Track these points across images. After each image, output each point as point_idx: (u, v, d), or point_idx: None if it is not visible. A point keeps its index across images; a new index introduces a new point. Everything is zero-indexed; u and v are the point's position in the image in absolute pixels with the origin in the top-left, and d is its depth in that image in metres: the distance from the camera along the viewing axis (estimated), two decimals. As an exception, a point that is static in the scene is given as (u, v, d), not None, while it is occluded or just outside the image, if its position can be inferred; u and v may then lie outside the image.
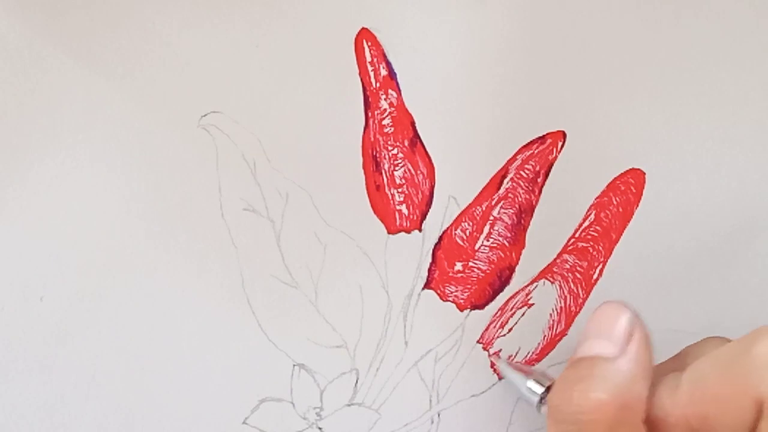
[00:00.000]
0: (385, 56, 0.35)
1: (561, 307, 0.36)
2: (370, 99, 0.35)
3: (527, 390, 0.33)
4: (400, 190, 0.35)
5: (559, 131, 0.36)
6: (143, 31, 0.34)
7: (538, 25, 0.35)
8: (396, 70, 0.35)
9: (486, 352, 0.36)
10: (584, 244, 0.36)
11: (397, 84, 0.35)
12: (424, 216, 0.36)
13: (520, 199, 0.36)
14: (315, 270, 0.35)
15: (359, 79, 0.35)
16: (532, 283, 0.36)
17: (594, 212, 0.36)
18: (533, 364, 0.37)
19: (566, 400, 0.29)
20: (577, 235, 0.36)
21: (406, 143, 0.35)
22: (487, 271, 0.36)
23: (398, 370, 0.36)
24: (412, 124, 0.35)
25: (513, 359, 0.36)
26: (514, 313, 0.36)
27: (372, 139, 0.35)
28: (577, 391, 0.28)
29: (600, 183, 0.36)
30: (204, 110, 0.34)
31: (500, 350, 0.36)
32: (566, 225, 0.36)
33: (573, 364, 0.30)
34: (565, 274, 0.36)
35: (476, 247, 0.36)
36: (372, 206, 0.35)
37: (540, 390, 0.33)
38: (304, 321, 0.36)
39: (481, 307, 0.36)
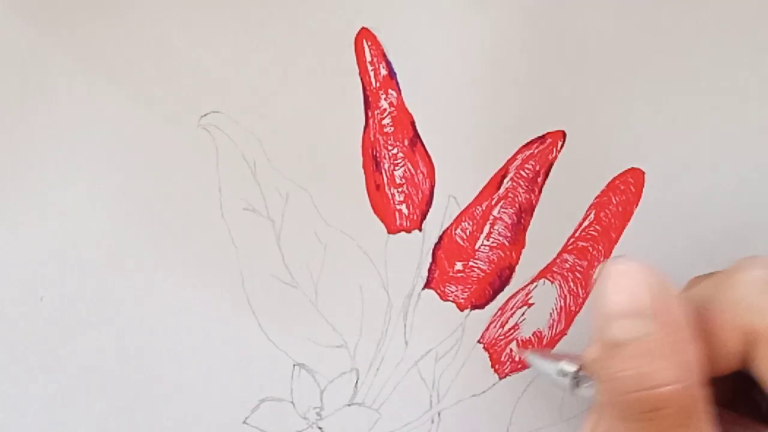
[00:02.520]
0: (385, 56, 0.35)
1: (561, 307, 0.36)
2: (370, 98, 0.35)
3: (559, 374, 0.32)
4: (400, 189, 0.35)
5: (558, 131, 0.36)
6: (143, 31, 0.34)
7: (537, 24, 0.35)
8: (396, 70, 0.35)
9: (486, 351, 0.36)
10: (584, 244, 0.36)
11: (397, 83, 0.35)
12: (424, 215, 0.36)
13: (520, 198, 0.36)
14: (315, 270, 0.35)
15: (359, 79, 0.35)
16: (532, 282, 0.36)
17: (594, 212, 0.36)
18: (533, 364, 0.37)
19: (635, 399, 0.26)
20: (576, 235, 0.36)
21: (406, 143, 0.35)
22: (487, 271, 0.36)
23: (398, 369, 0.36)
24: (412, 123, 0.35)
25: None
26: (514, 312, 0.36)
27: (372, 138, 0.35)
28: (645, 388, 0.26)
29: (600, 182, 0.36)
30: (204, 110, 0.35)
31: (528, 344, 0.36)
32: (566, 224, 0.36)
33: (616, 350, 0.27)
34: (565, 274, 0.36)
35: (476, 247, 0.36)
36: (372, 206, 0.35)
37: (572, 370, 0.32)
38: (304, 321, 0.36)
39: (481, 306, 0.36)
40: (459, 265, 0.36)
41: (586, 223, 0.36)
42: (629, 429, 0.27)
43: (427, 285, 0.36)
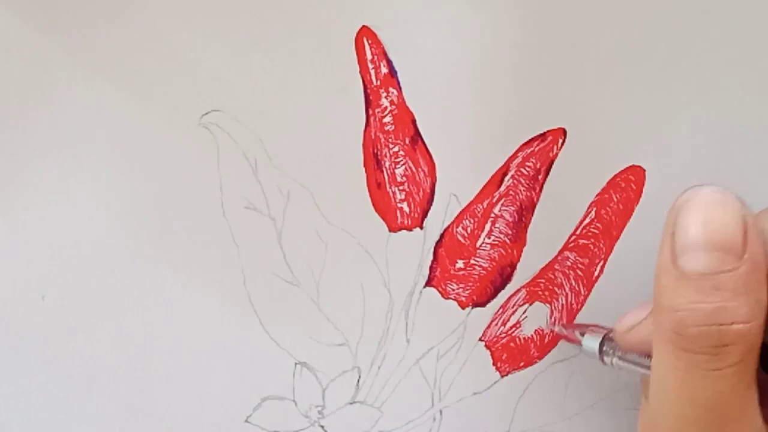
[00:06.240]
0: (385, 54, 0.35)
1: (563, 305, 0.36)
2: (370, 97, 0.35)
3: (585, 351, 0.32)
4: (401, 187, 0.35)
5: (559, 128, 0.36)
6: (143, 30, 0.34)
7: (538, 22, 0.35)
8: (396, 68, 0.35)
9: (487, 348, 0.36)
10: (585, 242, 0.36)
11: (398, 82, 0.35)
12: (425, 213, 0.36)
13: (521, 196, 0.36)
14: (316, 268, 0.35)
15: (360, 77, 0.35)
16: (533, 280, 0.36)
17: (594, 209, 0.36)
18: (536, 362, 0.37)
19: (705, 332, 0.26)
20: (578, 233, 0.36)
21: (407, 141, 0.35)
22: (489, 269, 0.36)
23: (400, 367, 0.36)
24: (413, 121, 0.35)
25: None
26: (516, 310, 0.36)
27: (373, 136, 0.35)
28: (718, 323, 0.26)
29: (600, 180, 0.36)
30: (205, 108, 0.34)
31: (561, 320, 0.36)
32: (567, 222, 0.36)
33: (694, 282, 0.26)
34: (567, 272, 0.36)
35: (477, 245, 0.36)
36: (373, 204, 0.35)
37: (595, 345, 0.32)
38: (306, 319, 0.36)
39: (482, 304, 0.36)
40: (460, 263, 0.36)
41: (587, 220, 0.36)
42: (689, 361, 0.27)
43: (428, 283, 0.36)
